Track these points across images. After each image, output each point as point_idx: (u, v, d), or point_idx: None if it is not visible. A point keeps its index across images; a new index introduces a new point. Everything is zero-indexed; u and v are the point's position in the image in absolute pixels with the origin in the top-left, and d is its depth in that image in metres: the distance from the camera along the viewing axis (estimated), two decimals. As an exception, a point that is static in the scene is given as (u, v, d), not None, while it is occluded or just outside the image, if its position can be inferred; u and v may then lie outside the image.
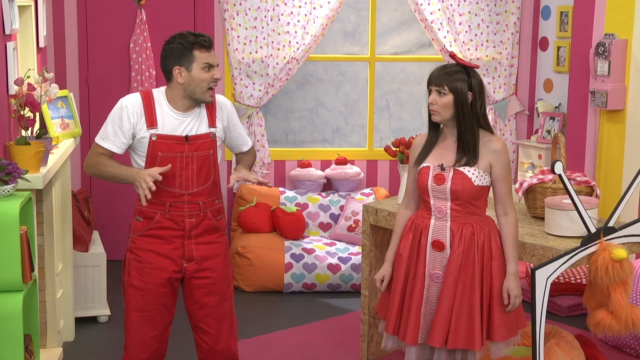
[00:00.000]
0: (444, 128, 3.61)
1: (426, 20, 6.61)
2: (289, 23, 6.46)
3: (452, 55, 3.62)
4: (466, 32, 6.70)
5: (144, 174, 3.48)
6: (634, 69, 5.59)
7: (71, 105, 5.01)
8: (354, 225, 6.24)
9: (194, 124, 3.61)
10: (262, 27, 6.44)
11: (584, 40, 5.85)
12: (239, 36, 6.43)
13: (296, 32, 6.48)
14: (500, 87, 6.84)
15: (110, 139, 3.60)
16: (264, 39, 6.45)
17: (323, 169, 6.78)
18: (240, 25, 6.42)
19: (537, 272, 3.59)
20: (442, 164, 3.54)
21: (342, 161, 6.70)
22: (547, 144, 6.39)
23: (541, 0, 6.73)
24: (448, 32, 6.63)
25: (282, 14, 6.45)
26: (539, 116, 6.63)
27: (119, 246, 6.53)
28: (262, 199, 6.38)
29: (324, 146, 6.96)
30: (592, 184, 4.32)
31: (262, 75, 6.49)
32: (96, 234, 5.69)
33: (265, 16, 6.42)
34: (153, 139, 3.55)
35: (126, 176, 3.55)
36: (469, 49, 6.72)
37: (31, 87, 4.29)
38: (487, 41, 6.75)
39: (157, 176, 3.47)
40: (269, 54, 6.46)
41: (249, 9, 6.41)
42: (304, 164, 6.70)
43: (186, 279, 3.70)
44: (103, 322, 5.36)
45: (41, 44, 5.14)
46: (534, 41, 6.83)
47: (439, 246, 3.56)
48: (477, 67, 3.60)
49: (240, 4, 6.40)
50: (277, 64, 6.47)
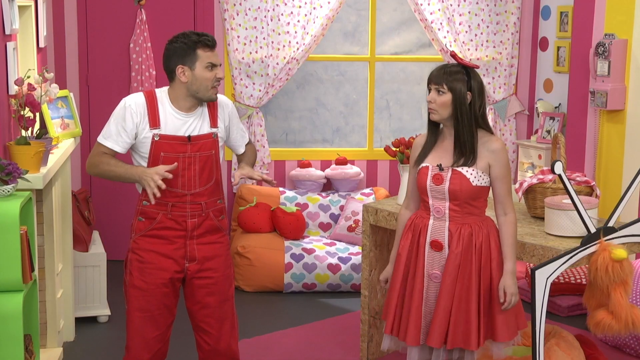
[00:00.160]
0: (443, 128, 3.61)
1: (426, 20, 6.61)
2: (289, 23, 6.46)
3: (452, 55, 3.62)
4: (466, 32, 6.70)
5: (150, 173, 3.46)
6: (633, 69, 5.59)
7: (71, 105, 5.01)
8: (354, 225, 6.24)
9: (197, 124, 3.60)
10: (262, 27, 6.44)
11: (583, 40, 5.85)
12: (239, 36, 6.43)
13: (296, 32, 6.48)
14: (500, 87, 6.84)
15: (113, 138, 3.57)
16: (264, 39, 6.45)
17: (323, 169, 6.78)
18: (240, 25, 6.42)
19: (537, 272, 3.59)
20: (441, 164, 3.54)
21: (342, 161, 6.70)
22: (547, 144, 6.38)
23: (541, 0, 6.73)
24: (448, 32, 6.63)
25: (282, 14, 6.45)
26: (538, 116, 6.63)
27: (119, 246, 6.53)
28: (262, 199, 6.38)
29: (324, 146, 6.96)
30: (592, 184, 4.32)
31: (262, 75, 6.49)
32: (96, 234, 5.69)
33: (265, 16, 6.42)
34: (156, 139, 3.53)
35: (131, 175, 3.53)
36: (469, 49, 6.72)
37: (31, 87, 4.28)
38: (487, 41, 6.75)
39: (165, 174, 3.45)
40: (269, 54, 6.46)
41: (249, 9, 6.41)
42: (304, 164, 6.70)
43: (188, 279, 3.69)
44: (103, 322, 5.36)
45: (41, 44, 5.14)
46: (534, 41, 6.83)
47: (437, 246, 3.56)
48: (477, 67, 3.60)
49: (240, 4, 6.40)
50: (277, 64, 6.47)
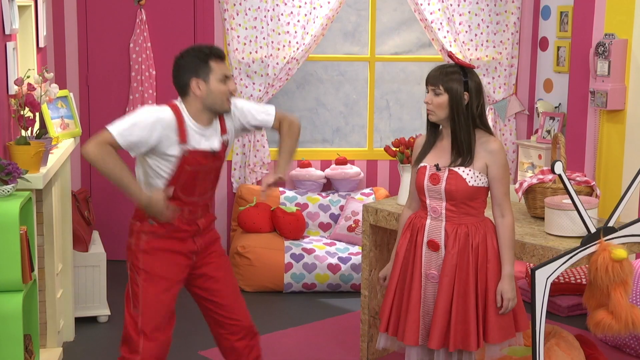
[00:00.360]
0: (442, 128, 3.61)
1: (426, 20, 6.60)
2: (289, 23, 6.46)
3: (450, 55, 3.62)
4: (466, 32, 6.69)
5: (160, 204, 3.46)
6: (633, 69, 5.59)
7: (71, 105, 5.01)
8: (353, 225, 6.23)
9: (215, 137, 3.60)
10: (262, 27, 6.43)
11: (584, 40, 5.85)
12: (238, 36, 6.43)
13: (296, 32, 6.47)
14: (500, 87, 6.84)
15: (131, 142, 3.43)
16: (263, 39, 6.44)
17: (323, 169, 6.78)
18: (240, 25, 6.42)
19: (537, 272, 3.59)
20: (438, 164, 3.54)
21: (342, 161, 6.70)
22: (547, 144, 6.38)
23: (541, 0, 6.73)
24: (448, 32, 6.63)
25: (282, 14, 6.44)
26: (538, 116, 6.63)
27: (119, 246, 6.53)
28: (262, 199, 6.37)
29: (324, 146, 6.96)
30: (592, 184, 4.31)
31: (262, 75, 6.49)
32: (96, 234, 5.69)
33: (265, 16, 6.42)
34: (185, 154, 3.50)
35: (135, 195, 3.46)
36: (468, 49, 6.72)
37: (31, 87, 4.28)
38: (487, 41, 6.74)
39: (169, 209, 3.49)
40: (269, 54, 6.45)
41: (249, 9, 6.41)
42: (304, 164, 6.70)
43: (195, 268, 3.71)
44: (103, 322, 5.36)
45: (41, 44, 5.14)
46: (534, 41, 6.83)
47: (434, 246, 3.55)
48: (474, 67, 3.59)
49: (240, 4, 6.40)
50: (277, 64, 6.47)
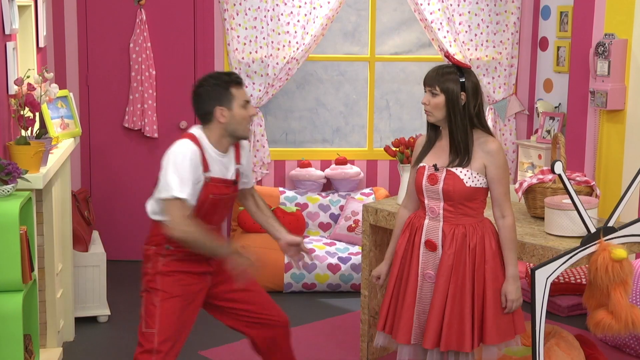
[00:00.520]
0: (441, 129, 3.61)
1: (426, 20, 6.60)
2: (288, 23, 6.46)
3: (446, 55, 3.61)
4: (466, 32, 6.69)
5: (248, 255, 3.57)
6: (633, 69, 5.59)
7: (71, 105, 5.01)
8: (353, 225, 6.24)
9: (232, 164, 3.66)
10: (262, 27, 6.43)
11: (583, 40, 5.85)
12: (238, 36, 6.43)
13: (296, 32, 6.47)
14: (500, 87, 6.84)
15: (191, 191, 3.49)
16: (263, 39, 6.44)
17: (323, 169, 6.78)
18: (240, 25, 6.42)
19: (537, 272, 3.59)
20: (436, 164, 3.53)
21: (342, 161, 6.70)
22: (547, 143, 6.38)
23: (541, 0, 6.73)
24: (448, 32, 6.63)
25: (282, 14, 6.44)
26: (538, 116, 6.63)
27: (118, 246, 6.53)
28: (262, 199, 6.37)
29: (323, 146, 6.96)
30: (591, 183, 4.31)
31: (262, 75, 6.49)
32: (96, 234, 5.69)
33: (265, 16, 6.42)
34: (208, 181, 3.55)
35: (226, 253, 3.56)
36: (468, 49, 6.72)
37: (31, 87, 4.28)
38: (487, 41, 6.74)
39: (254, 261, 3.60)
40: (269, 54, 6.45)
41: (249, 9, 6.41)
42: (303, 164, 6.70)
43: (213, 285, 3.74)
44: (103, 322, 5.36)
45: (41, 44, 5.14)
46: (534, 41, 6.83)
47: (431, 246, 3.55)
48: (470, 66, 3.59)
49: (240, 4, 6.39)
50: (277, 64, 6.47)
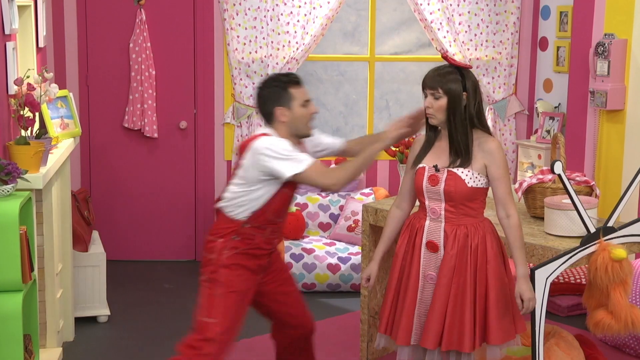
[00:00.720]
0: (440, 129, 3.61)
1: (426, 20, 6.61)
2: (288, 23, 6.46)
3: (444, 57, 3.60)
4: (466, 32, 6.70)
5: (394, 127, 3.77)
6: (633, 68, 5.59)
7: (71, 105, 5.01)
8: (353, 225, 6.24)
9: None
10: (262, 27, 6.43)
11: (583, 40, 5.85)
12: (238, 36, 6.43)
13: (296, 32, 6.47)
14: (499, 87, 6.84)
15: (307, 155, 3.66)
16: (263, 39, 6.44)
17: (323, 169, 6.77)
18: (239, 25, 6.42)
19: (537, 272, 3.59)
20: (437, 165, 3.53)
21: (341, 161, 6.69)
22: (547, 143, 6.38)
23: (541, 0, 6.73)
24: (448, 32, 6.63)
25: (281, 14, 6.44)
26: (538, 116, 6.63)
27: (118, 246, 6.54)
28: (261, 198, 6.37)
29: (323, 146, 6.95)
30: (591, 183, 4.32)
31: (261, 75, 6.48)
32: (96, 234, 5.69)
33: (264, 16, 6.42)
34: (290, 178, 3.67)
35: (377, 148, 3.70)
36: (468, 49, 6.72)
37: (31, 87, 4.29)
38: (486, 41, 6.75)
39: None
40: (269, 54, 6.45)
41: (249, 8, 6.41)
42: (303, 164, 6.69)
43: (263, 283, 3.90)
44: (103, 322, 5.36)
45: (41, 44, 5.14)
46: (534, 41, 6.83)
47: (433, 247, 3.53)
48: (470, 66, 3.59)
49: (240, 3, 6.40)
50: (277, 64, 6.47)
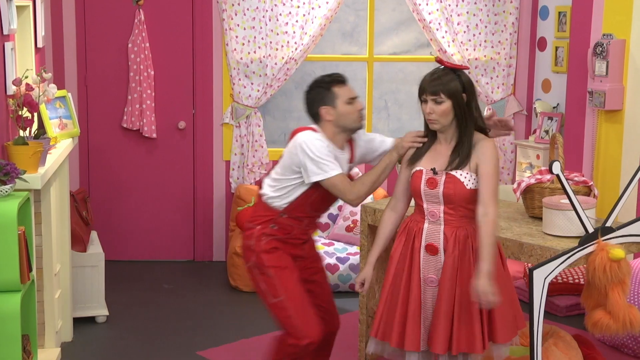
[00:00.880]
0: (438, 132, 3.60)
1: (424, 20, 6.61)
2: (287, 23, 6.46)
3: (439, 61, 3.60)
4: (464, 32, 6.70)
5: (406, 140, 3.82)
6: (631, 69, 5.59)
7: (69, 106, 5.01)
8: (352, 226, 6.24)
9: (344, 164, 3.86)
10: (261, 28, 6.43)
11: (582, 40, 5.85)
12: (237, 36, 6.43)
13: (294, 32, 6.47)
14: (498, 87, 6.84)
15: (338, 165, 3.75)
16: (262, 39, 6.44)
17: (321, 169, 6.76)
18: (238, 25, 6.42)
19: (535, 272, 3.59)
20: (435, 168, 3.52)
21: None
22: (545, 144, 6.39)
23: (539, 0, 6.73)
24: (446, 32, 6.63)
25: (280, 14, 6.44)
26: (537, 116, 6.63)
27: (117, 246, 6.54)
28: (260, 199, 6.37)
29: (322, 146, 6.95)
30: (589, 184, 4.32)
31: (260, 76, 6.49)
32: (94, 234, 5.69)
33: (263, 16, 6.42)
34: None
35: (390, 161, 3.81)
36: (467, 49, 6.72)
37: (29, 88, 4.28)
38: (485, 41, 6.75)
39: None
40: (268, 54, 6.45)
41: (248, 9, 6.41)
42: (302, 164, 6.69)
43: (300, 271, 3.93)
44: (101, 322, 5.35)
45: (39, 44, 5.14)
46: (532, 41, 6.83)
47: (432, 250, 3.51)
48: (467, 67, 3.58)
49: (239, 4, 6.40)
50: (276, 64, 6.47)
